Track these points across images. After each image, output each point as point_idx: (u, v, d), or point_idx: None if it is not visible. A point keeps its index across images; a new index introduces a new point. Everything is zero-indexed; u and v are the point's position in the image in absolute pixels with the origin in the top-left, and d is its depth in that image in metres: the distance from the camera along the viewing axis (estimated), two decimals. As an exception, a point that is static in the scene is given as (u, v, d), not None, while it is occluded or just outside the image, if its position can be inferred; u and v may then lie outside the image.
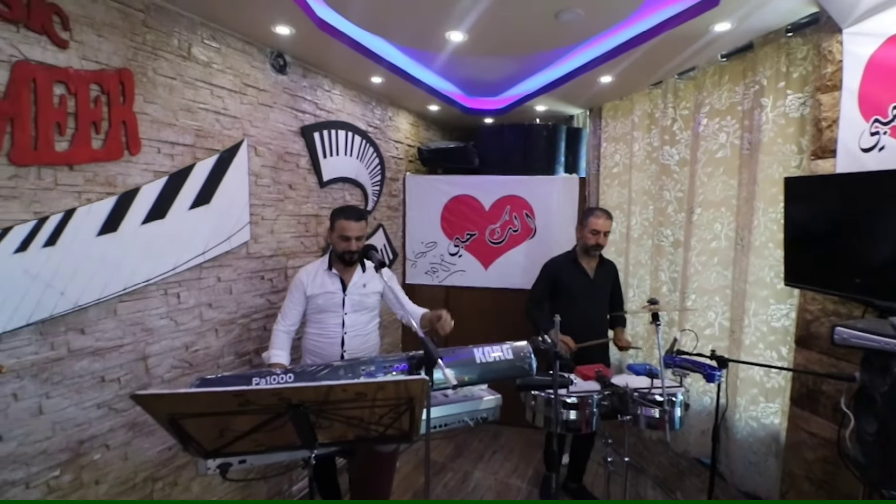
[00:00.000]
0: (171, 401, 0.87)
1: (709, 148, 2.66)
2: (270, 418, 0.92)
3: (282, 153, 2.56)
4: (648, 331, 3.17)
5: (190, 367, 2.14)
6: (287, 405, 0.89)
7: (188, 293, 2.10)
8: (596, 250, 2.69)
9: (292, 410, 0.90)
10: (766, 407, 2.39)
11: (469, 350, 1.57)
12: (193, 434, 1.02)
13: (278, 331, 2.15)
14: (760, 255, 2.34)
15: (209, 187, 2.15)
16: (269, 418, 0.92)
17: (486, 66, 2.91)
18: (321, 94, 2.84)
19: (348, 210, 2.17)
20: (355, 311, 2.22)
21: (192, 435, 1.02)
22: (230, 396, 0.87)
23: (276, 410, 0.90)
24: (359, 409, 0.93)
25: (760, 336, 2.38)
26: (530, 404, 2.18)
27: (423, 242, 3.79)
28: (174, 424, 0.97)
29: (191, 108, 2.08)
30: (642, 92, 3.18)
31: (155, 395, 0.89)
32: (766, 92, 2.30)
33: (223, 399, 0.86)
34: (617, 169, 3.50)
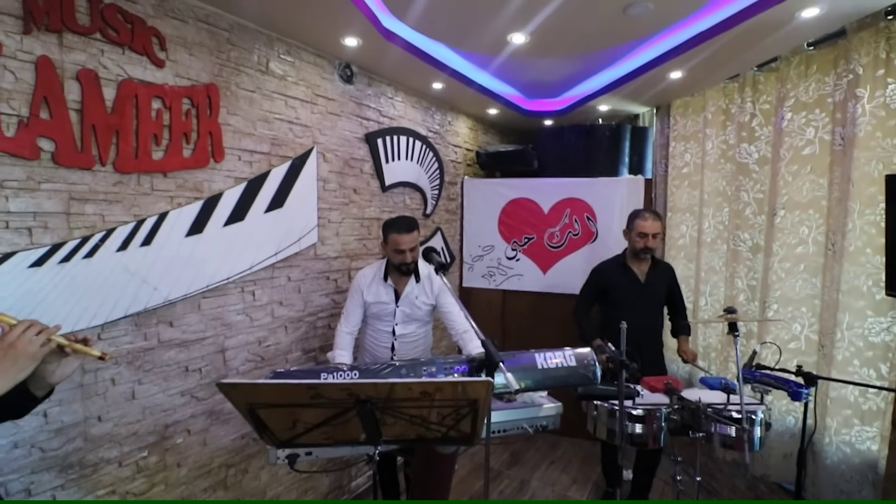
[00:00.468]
0: (250, 390, 0.93)
1: (794, 144, 2.45)
2: (339, 412, 0.96)
3: (347, 159, 2.67)
4: (723, 342, 2.96)
5: (262, 360, 2.28)
6: (355, 400, 0.92)
7: (262, 291, 2.24)
8: (645, 253, 2.56)
9: (360, 406, 0.93)
10: (862, 431, 2.15)
11: (530, 355, 1.55)
12: (268, 423, 1.08)
13: (342, 332, 2.23)
14: (856, 262, 2.12)
15: (282, 192, 2.28)
16: (338, 412, 0.96)
17: (546, 67, 2.87)
18: (384, 101, 2.93)
19: (399, 222, 2.17)
20: (406, 321, 2.26)
21: (268, 424, 1.08)
22: (304, 389, 0.91)
23: (344, 405, 0.93)
24: (422, 409, 0.94)
25: (855, 352, 2.15)
26: (592, 415, 2.11)
27: (481, 246, 3.79)
28: (252, 413, 1.04)
29: (267, 119, 2.22)
30: (716, 87, 2.99)
31: (236, 385, 0.95)
32: (861, 82, 2.08)
33: (297, 391, 0.91)
34: (687, 169, 3.31)
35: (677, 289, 2.73)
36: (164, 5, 1.81)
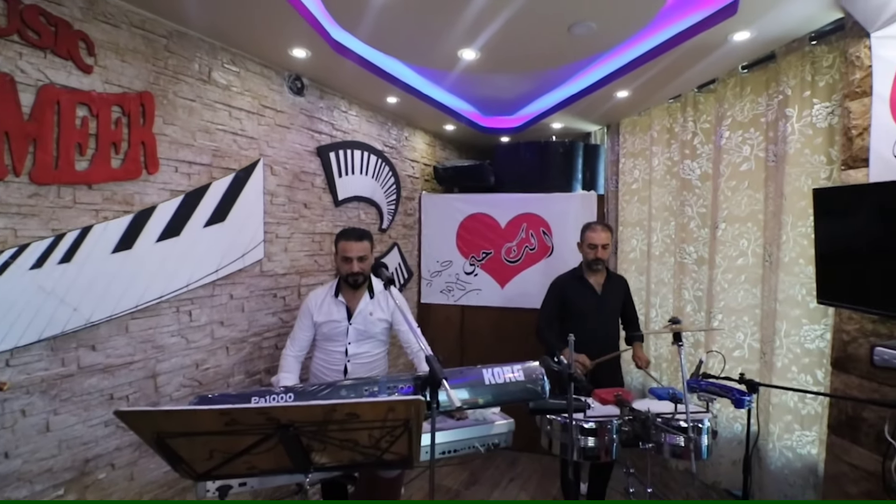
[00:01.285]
0: (156, 418, 0.84)
1: (732, 161, 2.57)
2: (260, 440, 0.88)
3: (297, 172, 2.59)
4: (671, 352, 3.02)
5: (200, 385, 2.14)
6: (276, 425, 0.85)
7: (200, 311, 2.11)
8: (597, 265, 2.61)
9: (281, 431, 0.86)
10: (802, 435, 2.22)
11: (478, 370, 1.51)
12: (182, 454, 0.99)
13: (287, 355, 2.12)
14: (791, 272, 2.22)
15: (225, 206, 2.18)
16: (258, 440, 0.88)
17: (500, 85, 2.91)
18: (338, 114, 2.89)
19: (348, 231, 2.13)
20: (359, 340, 2.15)
21: (181, 455, 0.99)
22: (216, 415, 0.83)
23: (264, 431, 0.86)
24: (352, 432, 0.89)
25: (793, 358, 2.23)
26: (546, 429, 2.08)
27: (439, 261, 3.75)
28: (161, 444, 0.94)
29: (209, 129, 2.13)
30: (661, 106, 3.12)
31: (137, 413, 0.86)
32: (790, 102, 2.21)
33: (209, 418, 0.83)
34: (636, 185, 3.42)
35: (630, 300, 2.78)
36: (93, 9, 1.71)
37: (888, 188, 1.56)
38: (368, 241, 2.13)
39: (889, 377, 1.63)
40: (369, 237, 2.14)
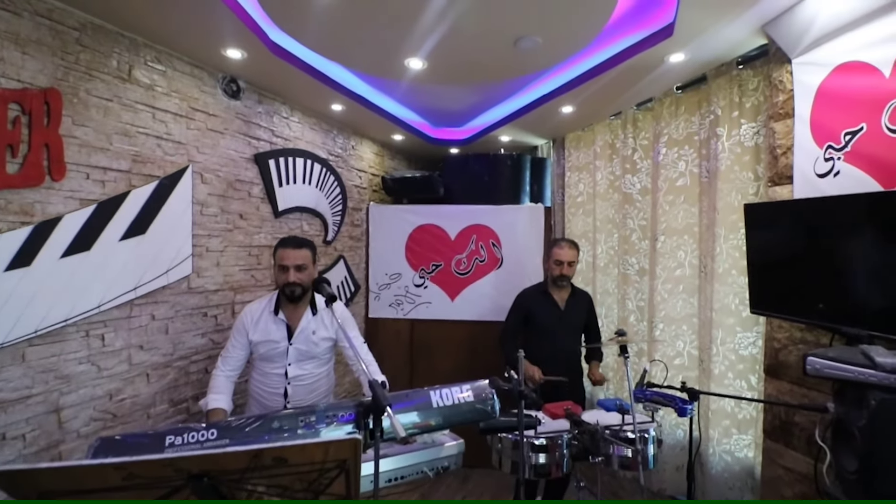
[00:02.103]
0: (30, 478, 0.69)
1: (669, 176, 2.68)
2: (168, 493, 0.75)
3: (232, 181, 2.41)
4: (618, 362, 3.09)
5: (114, 418, 1.90)
6: (186, 476, 0.73)
7: (115, 334, 1.89)
8: (562, 281, 2.61)
9: (193, 482, 0.73)
10: (740, 439, 2.31)
11: (425, 393, 1.43)
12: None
13: (217, 375, 1.92)
14: (724, 283, 2.32)
15: (146, 216, 1.97)
16: (166, 493, 0.75)
17: (449, 96, 2.89)
18: (278, 120, 2.74)
19: (287, 238, 1.97)
20: (301, 360, 1.97)
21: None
22: (110, 470, 0.70)
23: (172, 484, 0.74)
24: (281, 477, 0.78)
25: (729, 365, 2.33)
26: (496, 447, 2.03)
27: (387, 274, 3.65)
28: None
29: (128, 132, 1.93)
30: (603, 122, 3.22)
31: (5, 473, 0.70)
32: (720, 122, 2.34)
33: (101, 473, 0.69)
34: (581, 198, 3.51)
35: (594, 316, 2.79)
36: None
37: (811, 204, 1.66)
38: (309, 250, 1.96)
39: (818, 383, 1.71)
40: (310, 246, 1.98)
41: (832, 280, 1.57)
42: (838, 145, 1.62)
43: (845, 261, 1.54)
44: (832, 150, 1.64)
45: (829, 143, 1.65)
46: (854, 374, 1.20)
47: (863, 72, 1.54)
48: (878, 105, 1.50)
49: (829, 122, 1.65)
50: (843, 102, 1.61)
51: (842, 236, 1.54)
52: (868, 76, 1.53)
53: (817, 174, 1.70)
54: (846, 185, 1.58)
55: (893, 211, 1.41)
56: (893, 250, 1.40)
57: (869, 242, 1.47)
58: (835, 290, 1.57)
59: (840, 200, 1.57)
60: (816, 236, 1.61)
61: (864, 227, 1.48)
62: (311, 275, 1.95)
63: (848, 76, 1.59)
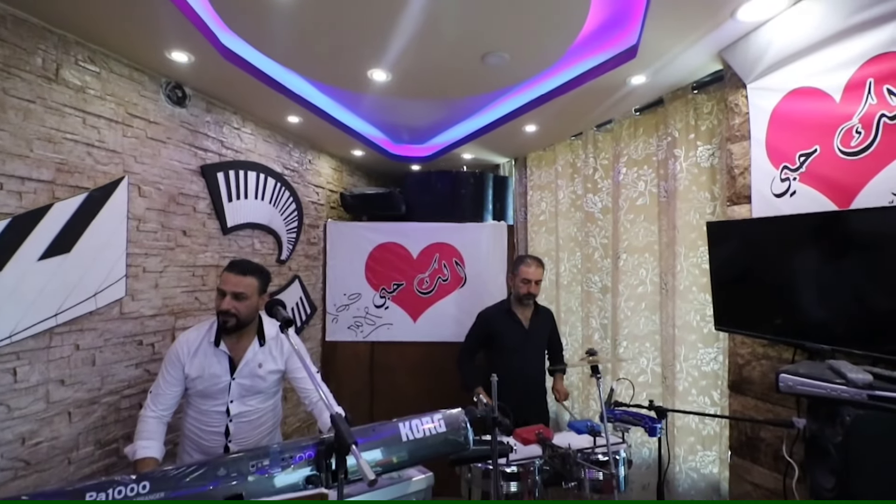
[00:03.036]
0: None
1: (629, 196, 2.73)
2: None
3: (174, 194, 2.21)
4: (583, 381, 3.07)
5: (27, 466, 1.63)
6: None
7: (30, 367, 1.63)
8: (528, 299, 2.57)
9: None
10: (704, 455, 2.32)
11: (393, 425, 1.31)
12: None
13: (147, 417, 1.68)
14: (685, 300, 2.36)
15: (71, 232, 1.74)
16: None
17: (412, 111, 2.83)
18: (228, 131, 2.56)
19: (234, 262, 1.76)
20: (244, 396, 1.77)
21: None
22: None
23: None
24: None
25: (692, 381, 2.35)
26: (466, 477, 1.92)
27: (346, 294, 3.48)
28: None
29: (53, 138, 1.71)
30: (564, 142, 3.27)
31: None
32: (678, 143, 2.41)
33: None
34: (544, 216, 3.52)
35: (556, 332, 2.76)
36: None
37: (769, 222, 1.71)
38: (256, 278, 1.74)
39: (782, 398, 1.74)
40: (259, 275, 1.76)
41: (793, 296, 1.60)
42: (793, 166, 1.68)
43: (805, 278, 1.58)
44: (788, 171, 1.70)
45: (785, 164, 1.71)
46: (827, 390, 1.20)
47: (814, 97, 1.61)
48: (830, 129, 1.56)
49: (783, 145, 1.72)
50: (796, 126, 1.67)
51: (799, 253, 1.59)
52: (820, 101, 1.60)
53: (774, 194, 1.76)
54: (803, 204, 1.63)
55: (846, 229, 1.46)
56: (848, 267, 1.45)
57: (824, 260, 1.51)
58: (796, 307, 1.60)
59: (795, 219, 1.62)
60: (775, 253, 1.65)
61: (819, 245, 1.52)
62: (253, 306, 1.74)
63: (800, 101, 1.66)
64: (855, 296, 1.42)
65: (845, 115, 1.52)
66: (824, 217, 1.54)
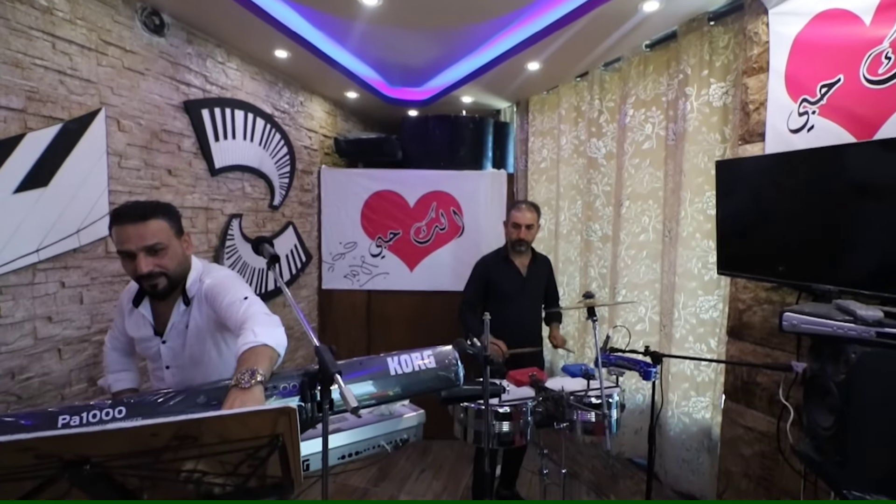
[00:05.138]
0: None
1: (635, 139, 2.60)
2: (40, 486, 0.57)
3: (157, 131, 2.10)
4: (579, 329, 3.06)
5: (19, 400, 1.63)
6: (59, 464, 0.54)
7: (14, 303, 1.60)
8: (520, 245, 2.51)
9: (70, 472, 0.55)
10: (698, 401, 2.33)
11: (381, 360, 1.28)
12: None
13: (109, 350, 1.54)
14: (688, 247, 2.29)
15: (47, 165, 1.66)
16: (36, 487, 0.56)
17: (407, 47, 2.66)
18: (212, 65, 2.41)
19: (121, 209, 1.31)
20: (181, 364, 1.44)
21: None
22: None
23: (40, 474, 0.55)
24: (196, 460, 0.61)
25: (690, 329, 2.32)
26: (459, 417, 1.94)
27: (342, 243, 3.43)
28: None
29: (20, 63, 1.60)
30: (568, 84, 3.10)
31: None
32: (690, 81, 2.26)
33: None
34: (545, 164, 3.40)
35: (553, 280, 2.73)
36: None
37: (785, 159, 1.61)
38: (164, 218, 1.31)
39: (781, 343, 1.70)
40: (165, 213, 1.33)
41: (802, 236, 1.53)
42: (813, 98, 1.56)
43: (816, 216, 1.50)
44: (807, 104, 1.58)
45: (804, 97, 1.59)
46: (833, 328, 1.15)
47: (843, 20, 1.48)
48: (857, 55, 1.44)
49: (804, 75, 1.59)
50: (820, 53, 1.55)
51: (813, 191, 1.50)
52: (848, 24, 1.46)
53: (790, 129, 1.65)
54: (820, 139, 1.53)
55: (866, 163, 1.37)
56: (867, 205, 1.37)
57: (842, 197, 1.43)
58: (804, 247, 1.53)
59: (813, 154, 1.52)
60: (787, 191, 1.56)
61: (837, 181, 1.44)
62: (178, 255, 1.34)
63: (827, 25, 1.53)
64: (869, 235, 1.35)
65: (875, 38, 1.39)
66: (845, 150, 1.44)
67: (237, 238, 2.59)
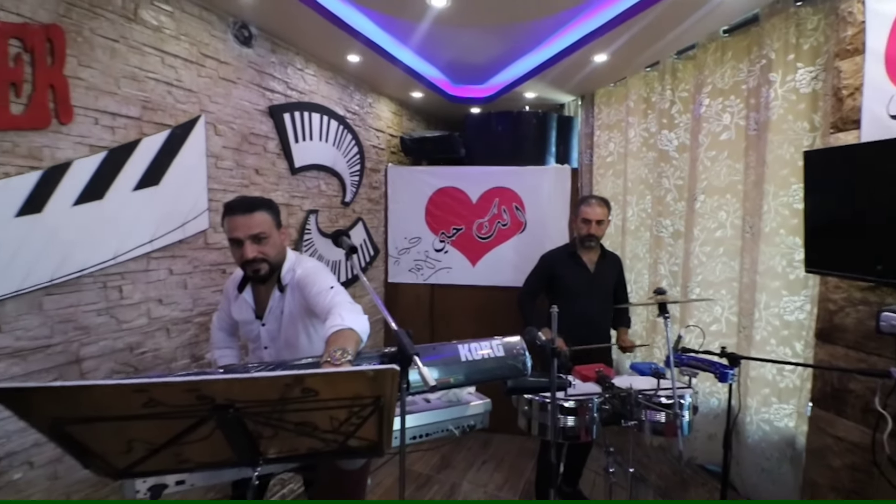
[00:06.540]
0: (47, 398, 0.61)
1: (711, 130, 2.48)
2: (193, 425, 0.68)
3: (246, 134, 2.31)
4: (647, 329, 2.96)
5: (135, 371, 1.87)
6: (211, 406, 0.65)
7: (133, 286, 1.84)
8: (589, 241, 2.47)
9: (217, 414, 0.66)
10: (780, 408, 2.19)
11: (453, 346, 1.34)
12: (92, 447, 0.77)
13: (215, 329, 1.75)
14: (771, 243, 2.16)
15: (158, 167, 1.89)
16: (190, 425, 0.68)
17: (471, 46, 2.71)
18: (292, 72, 2.60)
19: (233, 202, 1.52)
20: (276, 343, 1.62)
21: (91, 448, 0.77)
22: (129, 392, 0.62)
23: (196, 413, 0.66)
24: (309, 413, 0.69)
25: (772, 331, 2.19)
26: (523, 409, 1.96)
27: (407, 238, 3.55)
28: (60, 433, 0.72)
29: (137, 77, 1.83)
30: (637, 75, 3.00)
31: (23, 389, 0.63)
32: (774, 67, 2.12)
33: (121, 397, 0.61)
34: (611, 158, 3.32)
35: (623, 279, 2.66)
36: (-21, -85, 1.38)
37: (885, 147, 1.48)
38: (267, 211, 1.51)
39: (877, 346, 1.57)
40: (268, 207, 1.53)
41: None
42: (922, 79, 1.42)
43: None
44: (914, 86, 1.44)
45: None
46: (941, 329, 1.05)
47: (959, -10, 1.33)
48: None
49: (911, 54, 1.45)
50: (930, 29, 1.40)
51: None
52: (966, -5, 1.32)
53: (890, 115, 1.52)
54: (929, 123, 1.39)
55: None
56: None
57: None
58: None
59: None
60: (889, 182, 1.43)
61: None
62: (277, 244, 1.52)
63: (939, -3, 1.38)
64: None
65: None
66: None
67: (314, 232, 2.78)
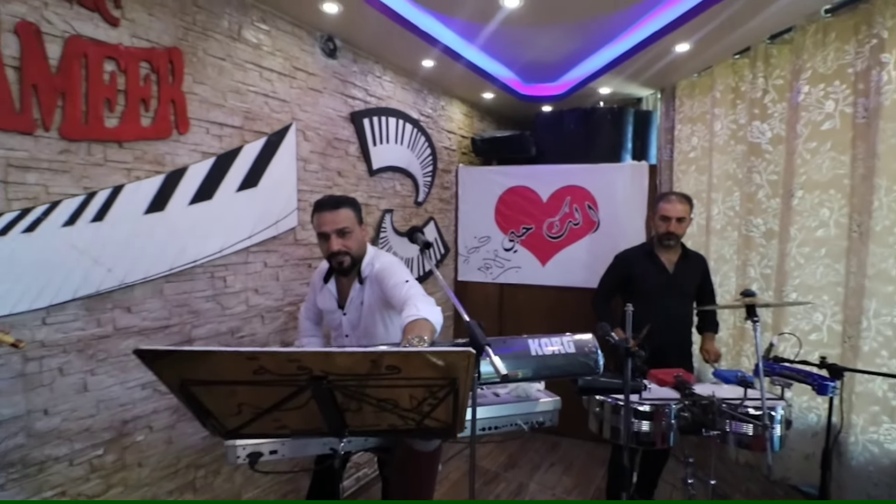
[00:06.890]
0: (178, 360, 0.76)
1: (812, 119, 2.26)
2: (292, 393, 0.78)
3: (331, 139, 2.49)
4: (734, 336, 2.76)
5: (235, 353, 2.10)
6: (308, 376, 0.74)
7: (234, 277, 2.06)
8: (668, 240, 2.34)
9: (314, 384, 0.75)
10: (892, 429, 1.96)
11: (523, 340, 1.36)
12: (209, 406, 0.91)
13: (303, 318, 1.94)
14: (883, 244, 1.94)
15: (257, 170, 2.11)
16: (290, 393, 0.78)
17: (543, 44, 2.70)
18: (371, 80, 2.76)
19: (321, 200, 1.68)
20: (356, 331, 1.79)
21: (208, 407, 0.91)
22: (244, 360, 0.74)
23: (296, 383, 0.76)
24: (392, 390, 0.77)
25: (884, 341, 1.96)
26: (595, 411, 1.91)
27: (477, 237, 3.60)
28: (187, 393, 0.86)
29: (240, 90, 2.05)
30: (724, 63, 2.81)
31: (160, 352, 0.78)
32: (886, 46, 1.91)
33: (236, 363, 0.74)
34: (694, 153, 3.13)
35: (709, 282, 2.50)
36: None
37: None
38: (350, 209, 1.66)
39: None
40: (351, 204, 1.69)
41: None
42: None
43: None
44: None
45: None
46: None
47: None
48: None
49: None
50: None
51: None
52: None
53: None
54: None
55: None
56: None
57: None
58: None
59: None
60: None
61: None
62: (359, 239, 1.68)
63: None
64: None
65: None
66: None
67: (389, 230, 2.92)
